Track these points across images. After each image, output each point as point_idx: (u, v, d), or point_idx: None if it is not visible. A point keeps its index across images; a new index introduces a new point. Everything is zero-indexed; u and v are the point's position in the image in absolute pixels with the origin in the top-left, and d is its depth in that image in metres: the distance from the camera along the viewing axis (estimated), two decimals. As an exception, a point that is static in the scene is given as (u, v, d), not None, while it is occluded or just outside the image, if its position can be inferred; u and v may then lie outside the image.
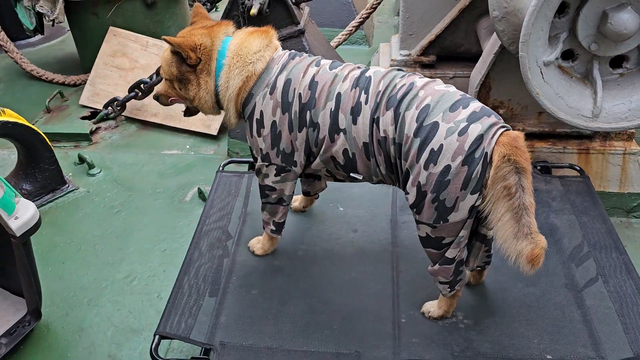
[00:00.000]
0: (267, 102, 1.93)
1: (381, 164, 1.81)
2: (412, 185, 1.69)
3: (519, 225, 1.61)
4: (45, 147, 3.04)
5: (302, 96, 1.89)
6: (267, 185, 2.09)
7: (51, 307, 2.45)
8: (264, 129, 1.96)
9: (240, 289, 2.14)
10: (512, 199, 1.60)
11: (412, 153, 1.66)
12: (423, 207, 1.70)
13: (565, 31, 2.01)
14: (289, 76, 1.92)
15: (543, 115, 2.75)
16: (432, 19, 3.47)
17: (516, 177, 1.60)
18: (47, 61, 4.91)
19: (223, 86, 1.99)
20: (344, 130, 1.82)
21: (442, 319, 1.96)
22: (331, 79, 1.87)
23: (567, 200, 2.46)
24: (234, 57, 1.96)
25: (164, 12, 4.24)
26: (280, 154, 1.97)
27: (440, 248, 1.78)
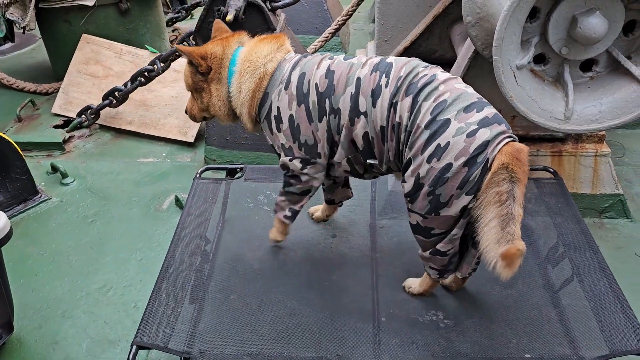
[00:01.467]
0: (282, 97, 1.96)
1: (391, 149, 1.83)
2: (411, 175, 1.73)
3: (503, 232, 1.62)
4: (17, 156, 2.97)
5: (318, 86, 1.91)
6: (293, 175, 2.08)
7: (24, 320, 2.38)
8: (283, 124, 1.99)
9: (219, 295, 2.12)
10: (501, 206, 1.62)
11: (419, 144, 1.69)
12: (417, 198, 1.75)
13: (537, 35, 2.05)
14: (302, 70, 1.96)
15: (516, 119, 2.79)
16: (406, 26, 3.51)
17: (510, 186, 1.62)
18: (18, 69, 4.81)
19: (235, 91, 2.04)
20: (365, 113, 1.81)
21: (420, 295, 2.08)
22: (348, 67, 1.89)
23: (542, 202, 2.50)
24: (244, 62, 2.01)
25: (138, 19, 4.19)
26: (303, 146, 1.98)
27: (428, 237, 1.84)
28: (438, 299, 2.10)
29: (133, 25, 4.18)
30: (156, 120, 3.70)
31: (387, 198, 2.60)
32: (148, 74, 3.52)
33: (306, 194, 2.14)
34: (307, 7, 4.95)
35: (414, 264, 2.22)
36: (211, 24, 3.12)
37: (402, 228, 2.42)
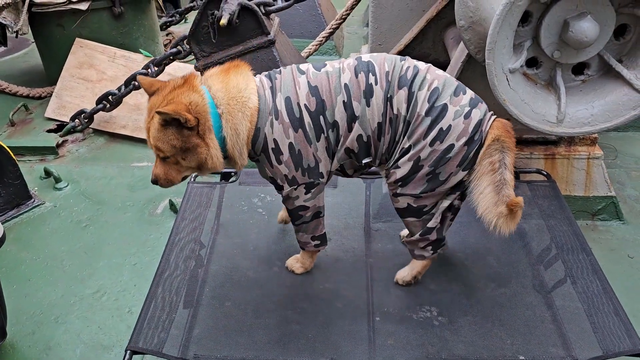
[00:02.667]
0: (276, 128, 1.86)
1: (386, 143, 1.88)
2: (409, 160, 1.83)
3: (499, 196, 1.80)
4: (9, 161, 2.96)
5: (308, 106, 1.86)
6: (300, 206, 2.01)
7: (17, 326, 2.37)
8: (283, 155, 1.89)
9: (213, 301, 2.11)
10: (495, 174, 1.80)
11: (421, 130, 1.80)
12: (412, 180, 1.86)
13: (529, 39, 2.06)
14: (285, 94, 1.87)
15: (510, 121, 2.81)
16: (400, 29, 3.52)
17: (501, 155, 1.81)
18: (11, 74, 4.80)
19: (232, 134, 1.86)
20: (358, 117, 1.85)
21: (414, 280, 2.13)
22: (327, 77, 1.87)
23: (535, 205, 2.51)
24: (230, 101, 1.85)
25: (131, 23, 4.19)
26: (306, 171, 1.92)
27: (420, 216, 1.95)
28: (432, 294, 2.11)
29: (127, 29, 4.17)
30: (150, 124, 3.68)
31: (381, 202, 2.60)
32: (142, 78, 3.51)
33: (318, 216, 2.07)
34: (301, 11, 4.97)
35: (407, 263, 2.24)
36: (205, 27, 3.15)
37: (397, 231, 2.44)
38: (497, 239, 2.35)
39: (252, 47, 3.15)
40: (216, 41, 3.15)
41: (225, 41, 3.16)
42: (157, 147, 1.85)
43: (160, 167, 1.91)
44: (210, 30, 3.11)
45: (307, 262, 2.23)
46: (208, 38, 3.16)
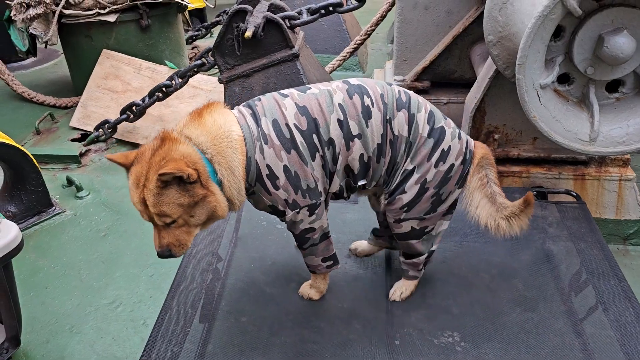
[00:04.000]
0: (267, 153, 1.78)
1: (385, 165, 1.87)
2: (415, 183, 1.85)
3: (496, 205, 1.98)
4: (32, 169, 2.98)
5: (298, 126, 1.80)
6: (306, 229, 1.92)
7: (31, 334, 2.35)
8: (279, 179, 1.80)
9: (229, 316, 2.06)
10: (485, 188, 1.98)
11: (425, 152, 1.84)
12: (417, 203, 1.88)
13: (561, 55, 1.99)
14: (271, 117, 1.80)
15: (538, 140, 2.73)
16: (426, 45, 3.48)
17: (486, 171, 1.98)
18: (40, 83, 4.89)
19: (228, 175, 1.77)
20: (359, 135, 1.82)
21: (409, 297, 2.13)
22: (315, 98, 1.83)
23: (564, 227, 2.42)
24: (215, 140, 1.76)
25: (158, 35, 4.24)
26: (306, 193, 1.84)
27: (421, 237, 1.99)
28: (454, 318, 2.02)
29: (153, 41, 4.22)
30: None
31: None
32: (166, 89, 3.53)
33: (327, 237, 1.99)
34: (326, 27, 4.98)
35: (428, 283, 2.18)
36: (230, 40, 3.15)
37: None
38: (524, 260, 2.28)
39: (276, 60, 3.14)
40: (240, 54, 3.15)
41: (250, 54, 3.16)
42: (161, 214, 1.69)
43: (167, 235, 1.75)
44: (235, 42, 3.11)
45: (321, 285, 2.14)
46: (232, 50, 3.16)
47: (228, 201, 1.80)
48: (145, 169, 1.68)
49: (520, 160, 2.75)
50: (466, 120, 2.74)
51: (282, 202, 1.84)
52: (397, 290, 2.15)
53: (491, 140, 2.74)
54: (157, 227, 1.75)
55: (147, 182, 1.66)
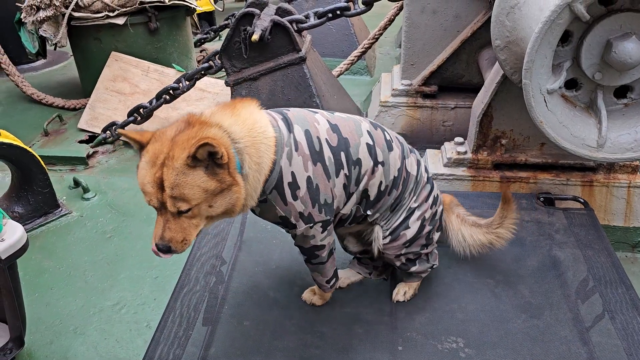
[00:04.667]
0: (295, 160, 1.72)
1: (392, 199, 1.94)
2: (417, 219, 1.97)
3: (483, 226, 2.19)
4: (40, 170, 2.99)
5: (329, 141, 1.78)
6: (316, 246, 1.87)
7: (35, 335, 2.36)
8: (300, 190, 1.73)
9: (231, 320, 2.05)
10: (465, 221, 2.19)
11: (425, 194, 2.00)
12: (418, 239, 1.99)
13: (569, 60, 1.97)
14: (304, 127, 1.77)
15: (545, 146, 2.71)
16: (433, 50, 3.48)
17: (457, 210, 2.22)
18: (49, 85, 4.92)
19: (255, 170, 1.67)
20: (382, 163, 1.87)
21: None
22: (344, 120, 1.86)
23: (571, 233, 2.39)
24: (249, 132, 1.67)
25: (166, 38, 4.25)
26: (323, 207, 1.79)
27: (416, 260, 2.09)
28: (459, 323, 2.00)
29: (161, 44, 4.23)
30: (179, 138, 3.71)
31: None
32: (173, 91, 3.54)
33: (332, 253, 1.96)
34: (334, 31, 4.97)
35: (432, 287, 2.17)
36: (237, 43, 3.15)
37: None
38: (530, 267, 2.26)
39: (283, 63, 3.14)
40: (247, 57, 3.15)
41: (257, 57, 3.16)
42: (179, 197, 1.52)
43: (173, 226, 1.57)
44: (242, 45, 3.11)
45: (325, 294, 2.12)
46: (240, 54, 3.16)
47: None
48: (167, 148, 1.54)
49: (528, 166, 2.73)
50: (473, 125, 2.72)
51: (297, 215, 1.77)
52: (400, 289, 2.14)
53: (498, 145, 2.72)
54: (162, 216, 1.58)
55: (171, 160, 1.52)
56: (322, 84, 3.31)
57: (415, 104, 3.55)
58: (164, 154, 1.54)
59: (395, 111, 3.57)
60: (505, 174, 2.74)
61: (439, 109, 3.55)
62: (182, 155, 1.51)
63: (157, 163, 1.54)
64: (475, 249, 2.17)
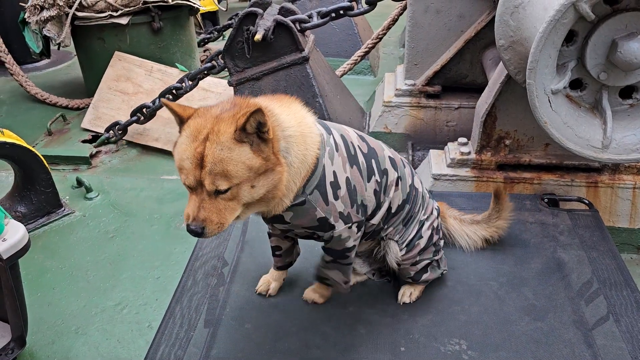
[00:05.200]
0: (336, 160, 1.74)
1: (404, 213, 2.00)
2: (428, 229, 2.05)
3: (481, 222, 2.33)
4: (42, 169, 2.99)
5: (360, 148, 1.86)
6: (348, 248, 1.87)
7: (37, 334, 2.35)
8: (341, 189, 1.74)
9: (233, 322, 2.04)
10: (463, 221, 2.33)
11: (431, 207, 2.12)
12: (428, 247, 2.06)
13: (574, 60, 1.95)
14: (340, 132, 1.83)
15: (550, 147, 2.69)
16: (437, 49, 3.46)
17: (452, 213, 2.34)
18: (53, 85, 4.93)
19: (299, 160, 1.63)
20: (400, 178, 1.95)
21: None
22: (365, 135, 1.96)
23: (576, 235, 2.37)
24: (299, 123, 1.66)
25: (169, 38, 4.25)
26: (360, 208, 1.82)
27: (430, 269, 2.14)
28: (462, 325, 1.99)
29: (165, 43, 4.23)
30: (182, 138, 3.70)
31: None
32: (176, 91, 3.54)
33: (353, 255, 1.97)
34: (338, 30, 4.96)
35: (435, 289, 2.16)
36: (240, 43, 3.15)
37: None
38: (533, 269, 2.24)
39: (286, 63, 3.13)
40: (250, 57, 3.14)
41: (260, 57, 3.15)
42: (221, 174, 1.47)
43: (208, 206, 1.50)
44: (244, 45, 3.10)
45: (325, 291, 2.11)
46: (242, 53, 3.15)
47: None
48: (212, 124, 1.50)
49: (532, 167, 2.71)
50: (477, 125, 2.71)
51: (337, 215, 1.75)
52: (406, 291, 2.13)
53: (502, 146, 2.71)
54: (197, 196, 1.51)
55: (215, 134, 1.47)
56: (325, 83, 3.30)
57: (418, 104, 3.53)
58: (207, 129, 1.49)
59: (398, 111, 3.56)
60: (509, 174, 2.72)
61: (442, 109, 3.53)
62: (229, 129, 1.47)
63: (199, 138, 1.49)
64: (479, 244, 2.31)
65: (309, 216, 1.74)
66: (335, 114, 3.24)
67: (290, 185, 1.64)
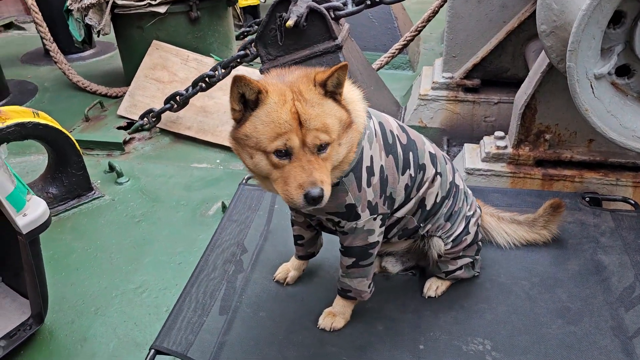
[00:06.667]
0: (374, 146, 1.66)
1: (446, 207, 1.93)
2: (473, 225, 1.98)
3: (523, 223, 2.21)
4: (74, 152, 3.03)
5: (399, 138, 1.75)
6: (372, 243, 1.75)
7: (58, 313, 2.37)
8: (374, 177, 1.66)
9: (247, 309, 1.98)
10: (501, 219, 2.21)
11: (475, 204, 2.07)
12: (474, 242, 1.99)
13: (621, 43, 1.80)
14: (378, 119, 1.74)
15: (594, 143, 2.52)
16: (477, 41, 3.31)
17: (487, 210, 2.22)
18: (94, 74, 5.03)
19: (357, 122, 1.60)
20: (440, 174, 1.88)
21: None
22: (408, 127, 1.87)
23: (619, 237, 2.20)
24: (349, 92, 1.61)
25: (206, 28, 4.25)
26: (387, 200, 1.72)
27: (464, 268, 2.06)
28: (488, 324, 1.86)
29: (201, 33, 4.24)
30: (214, 126, 3.69)
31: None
32: (209, 79, 3.52)
33: (375, 254, 1.83)
34: (377, 24, 4.86)
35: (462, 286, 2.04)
36: (273, 30, 3.09)
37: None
38: (570, 270, 2.08)
39: (319, 51, 3.06)
40: (283, 44, 3.08)
41: (292, 44, 3.09)
42: (322, 128, 1.43)
43: (318, 166, 1.44)
44: (277, 33, 3.05)
45: (348, 311, 1.93)
46: (275, 41, 3.10)
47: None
48: (290, 85, 1.46)
49: (573, 164, 2.54)
50: (515, 117, 2.56)
51: (365, 203, 1.66)
52: (432, 285, 2.03)
53: (542, 140, 2.55)
54: (301, 159, 1.44)
55: (301, 94, 1.43)
56: (359, 74, 3.21)
57: (456, 97, 3.40)
58: (289, 90, 1.45)
59: (434, 105, 3.43)
60: (548, 171, 2.56)
61: (481, 103, 3.38)
62: (310, 87, 1.45)
63: (288, 100, 1.43)
64: (518, 242, 2.20)
65: (338, 200, 1.64)
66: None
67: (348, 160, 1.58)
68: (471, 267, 2.06)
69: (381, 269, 2.14)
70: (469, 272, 2.05)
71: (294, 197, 1.42)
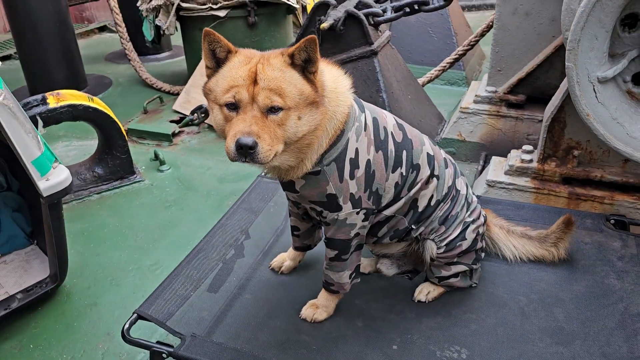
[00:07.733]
0: (362, 139, 1.66)
1: (442, 211, 1.90)
2: (472, 232, 1.93)
3: (534, 238, 2.13)
4: (120, 136, 3.25)
5: (394, 135, 1.75)
6: (352, 238, 1.76)
7: (79, 278, 2.54)
8: (358, 170, 1.67)
9: (235, 290, 2.03)
10: (510, 232, 2.15)
11: (478, 211, 2.00)
12: (471, 250, 1.93)
13: (636, 48, 1.68)
14: (373, 115, 1.75)
15: (629, 164, 2.34)
16: (524, 56, 3.20)
17: (498, 222, 2.17)
18: (164, 73, 5.36)
19: (331, 113, 1.60)
20: (437, 177, 1.86)
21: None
22: (409, 127, 1.86)
23: (638, 262, 2.03)
24: (335, 82, 1.64)
25: (264, 33, 4.42)
26: (373, 195, 1.72)
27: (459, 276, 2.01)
28: (469, 333, 1.79)
29: (259, 38, 4.40)
30: (257, 126, 3.81)
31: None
32: (254, 80, 3.65)
33: (361, 248, 1.84)
34: (436, 39, 4.81)
35: (455, 294, 1.99)
36: (312, 33, 3.17)
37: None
38: (574, 291, 1.96)
39: (355, 56, 3.09)
40: (320, 47, 3.14)
41: (330, 48, 3.15)
42: (275, 90, 1.45)
43: (261, 123, 1.44)
44: (316, 34, 3.12)
45: (331, 305, 1.92)
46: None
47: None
48: (263, 54, 1.54)
49: (603, 184, 2.38)
50: (542, 131, 2.44)
51: (347, 196, 1.67)
52: (424, 289, 2.00)
53: (570, 157, 2.41)
54: (247, 113, 1.46)
55: (267, 60, 1.49)
56: (395, 81, 3.20)
57: (498, 112, 3.29)
58: (257, 57, 1.51)
59: (475, 118, 3.34)
60: (575, 189, 2.42)
61: (524, 120, 3.25)
62: (278, 56, 1.49)
63: (252, 62, 1.50)
64: (525, 257, 2.13)
65: (319, 189, 1.66)
66: (401, 113, 3.12)
67: (321, 140, 1.59)
68: (468, 276, 1.99)
69: (376, 270, 2.12)
70: (465, 281, 1.98)
71: (228, 145, 1.46)
